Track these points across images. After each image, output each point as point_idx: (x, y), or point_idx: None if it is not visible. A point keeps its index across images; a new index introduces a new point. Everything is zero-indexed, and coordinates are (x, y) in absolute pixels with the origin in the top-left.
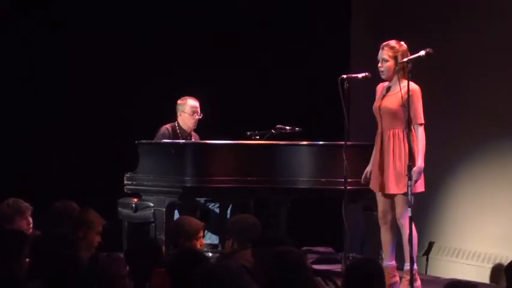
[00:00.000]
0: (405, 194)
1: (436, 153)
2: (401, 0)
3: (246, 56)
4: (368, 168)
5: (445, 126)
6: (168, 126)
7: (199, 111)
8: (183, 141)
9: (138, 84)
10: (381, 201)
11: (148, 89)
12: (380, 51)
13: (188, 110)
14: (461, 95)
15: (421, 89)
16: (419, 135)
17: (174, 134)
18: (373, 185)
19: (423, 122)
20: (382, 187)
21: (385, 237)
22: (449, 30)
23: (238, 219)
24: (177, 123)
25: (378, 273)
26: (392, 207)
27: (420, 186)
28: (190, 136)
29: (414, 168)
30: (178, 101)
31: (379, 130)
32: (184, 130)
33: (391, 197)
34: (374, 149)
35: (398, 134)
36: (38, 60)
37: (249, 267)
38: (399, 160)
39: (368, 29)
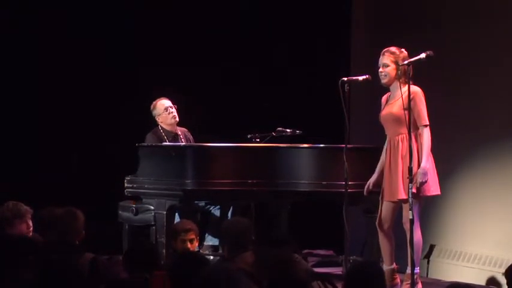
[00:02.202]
0: (415, 196)
1: (437, 155)
2: (402, 2)
3: (246, 58)
4: (371, 180)
5: (446, 128)
6: (151, 133)
7: (171, 105)
8: (184, 143)
9: (138, 85)
10: (383, 208)
11: (149, 90)
12: (381, 57)
13: (161, 109)
14: (461, 96)
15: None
16: (425, 136)
17: (159, 139)
18: (384, 194)
19: (428, 123)
20: (392, 195)
21: (384, 243)
22: (449, 31)
23: (228, 226)
24: (160, 127)
25: (378, 275)
26: (394, 216)
27: (434, 189)
28: (177, 134)
29: (418, 170)
30: (151, 109)
31: (388, 138)
32: (168, 131)
33: (396, 204)
34: (381, 159)
35: (406, 138)
36: (38, 62)
37: (248, 271)
38: (406, 165)
39: (368, 31)
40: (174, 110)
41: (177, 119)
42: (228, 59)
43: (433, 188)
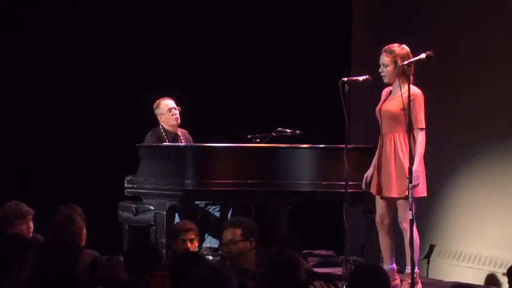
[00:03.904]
0: (406, 197)
1: (437, 156)
2: (402, 2)
3: (246, 57)
4: (368, 172)
5: (446, 128)
6: (151, 132)
7: (175, 106)
8: (184, 144)
9: (139, 86)
10: (379, 205)
11: (149, 91)
12: (380, 56)
13: (164, 109)
14: (461, 96)
15: (423, 93)
16: (419, 139)
17: (159, 139)
18: (373, 188)
19: (424, 126)
20: (382, 190)
21: (384, 241)
22: (449, 31)
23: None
24: (161, 127)
25: (383, 279)
26: (391, 211)
27: (422, 191)
28: (178, 135)
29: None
30: (154, 106)
31: (381, 133)
32: (169, 131)
33: (390, 201)
34: (376, 153)
35: (398, 138)
36: (38, 62)
37: (251, 270)
38: (399, 164)
39: (368, 31)
40: (177, 111)
41: (179, 121)
42: (228, 59)
43: (421, 190)
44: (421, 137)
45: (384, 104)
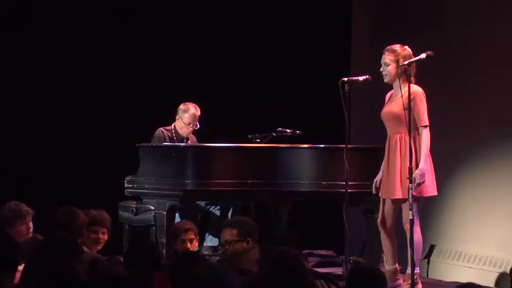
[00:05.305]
0: (412, 198)
1: (437, 155)
2: (402, 2)
3: (246, 57)
4: (377, 177)
5: (446, 128)
6: (163, 129)
7: (196, 123)
8: (184, 144)
9: (139, 85)
10: (383, 206)
11: (150, 90)
12: (382, 55)
13: (186, 119)
14: (461, 96)
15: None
16: (424, 137)
17: (170, 138)
18: (381, 191)
19: (427, 124)
20: (389, 193)
21: (385, 242)
22: (450, 31)
23: (249, 220)
24: (174, 126)
25: (380, 279)
26: (394, 213)
27: (431, 190)
28: (187, 139)
29: (416, 171)
30: (181, 106)
31: (388, 136)
32: (180, 134)
33: (395, 202)
34: (384, 156)
35: (404, 138)
36: (38, 61)
37: (251, 271)
38: (405, 165)
39: (368, 31)
40: (193, 127)
41: (189, 134)
42: (229, 59)
43: (429, 188)
44: (425, 135)
45: (386, 107)
